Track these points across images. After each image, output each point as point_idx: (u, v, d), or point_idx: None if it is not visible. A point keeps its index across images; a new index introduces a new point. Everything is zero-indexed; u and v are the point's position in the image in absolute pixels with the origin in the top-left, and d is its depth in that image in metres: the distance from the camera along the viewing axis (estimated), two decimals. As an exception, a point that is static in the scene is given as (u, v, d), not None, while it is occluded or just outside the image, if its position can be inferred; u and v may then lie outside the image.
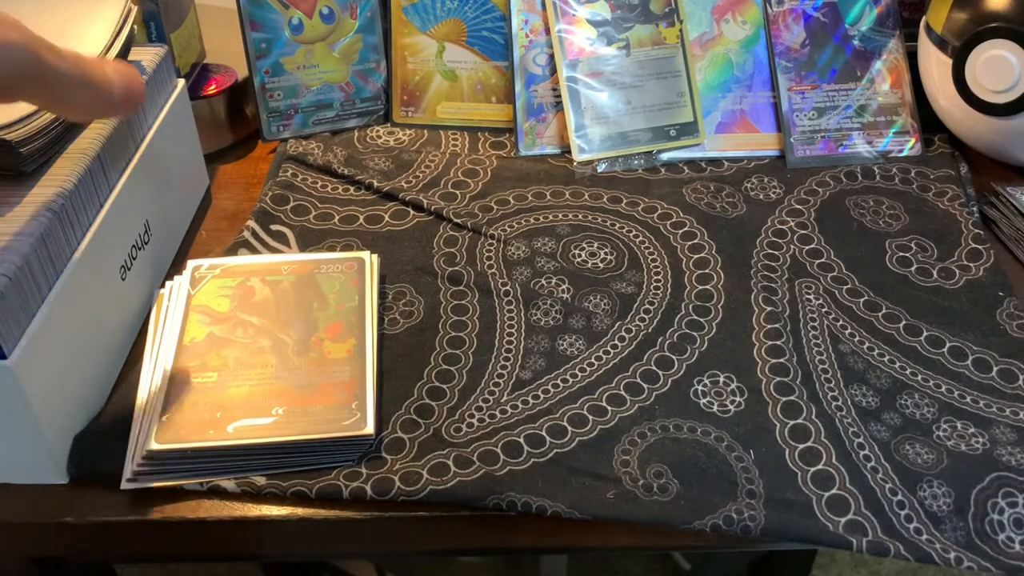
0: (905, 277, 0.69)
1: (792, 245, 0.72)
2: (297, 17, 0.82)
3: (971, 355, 0.62)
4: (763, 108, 0.84)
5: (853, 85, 0.83)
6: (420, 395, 0.58)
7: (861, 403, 0.58)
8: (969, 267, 0.69)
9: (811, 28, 0.84)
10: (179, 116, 0.72)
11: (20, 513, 0.52)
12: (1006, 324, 0.64)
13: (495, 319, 0.64)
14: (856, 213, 0.75)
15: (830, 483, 0.53)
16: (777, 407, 0.58)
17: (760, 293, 0.67)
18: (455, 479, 0.52)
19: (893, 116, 0.83)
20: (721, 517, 0.51)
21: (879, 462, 0.54)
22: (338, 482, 0.52)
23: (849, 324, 0.64)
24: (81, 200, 0.56)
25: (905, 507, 0.52)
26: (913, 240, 0.72)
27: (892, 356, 0.62)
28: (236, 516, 0.52)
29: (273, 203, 0.75)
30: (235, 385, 0.55)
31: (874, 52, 0.84)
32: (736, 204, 0.76)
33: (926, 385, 0.60)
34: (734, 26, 0.84)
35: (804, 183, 0.79)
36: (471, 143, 0.85)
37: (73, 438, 0.54)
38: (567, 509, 0.51)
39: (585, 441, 0.55)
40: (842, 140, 0.82)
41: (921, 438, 0.56)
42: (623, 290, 0.67)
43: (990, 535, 0.51)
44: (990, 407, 0.58)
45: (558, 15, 0.82)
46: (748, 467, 0.54)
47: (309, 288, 0.63)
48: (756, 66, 0.84)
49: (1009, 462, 0.54)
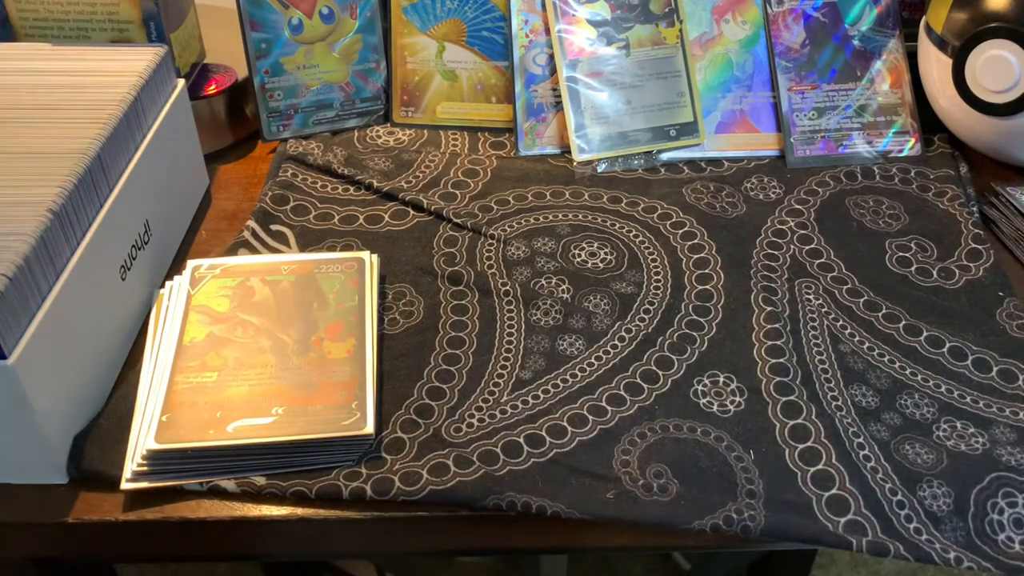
0: (905, 277, 0.69)
1: (792, 245, 0.72)
2: (297, 17, 0.82)
3: (971, 355, 0.62)
4: (763, 108, 0.84)
5: (853, 85, 0.83)
6: (420, 395, 0.58)
7: (861, 403, 0.58)
8: (969, 267, 0.69)
9: (811, 28, 0.84)
10: (179, 116, 0.72)
11: (20, 513, 0.52)
12: (1006, 324, 0.64)
13: (495, 319, 0.64)
14: (856, 213, 0.75)
15: (830, 483, 0.53)
16: (777, 407, 0.58)
17: (760, 293, 0.67)
18: (455, 479, 0.52)
19: (893, 116, 0.83)
20: (721, 517, 0.51)
21: (879, 462, 0.54)
22: (338, 482, 0.52)
23: (849, 324, 0.64)
24: (81, 200, 0.56)
25: (905, 507, 0.52)
26: (913, 240, 0.72)
27: (892, 356, 0.62)
28: (236, 516, 0.52)
29: (273, 203, 0.75)
30: (235, 385, 0.55)
31: (874, 52, 0.84)
32: (736, 204, 0.76)
33: (926, 385, 0.60)
34: (734, 26, 0.84)
35: (804, 183, 0.79)
36: (471, 143, 0.85)
37: (73, 438, 0.54)
38: (567, 509, 0.51)
39: (585, 441, 0.55)
40: (842, 140, 0.82)
41: (921, 438, 0.56)
42: (623, 290, 0.67)
43: (990, 535, 0.51)
44: (990, 407, 0.58)
45: (558, 15, 0.82)
46: (748, 467, 0.54)
47: (309, 288, 0.63)
48: (756, 66, 0.84)
49: (1009, 462, 0.54)
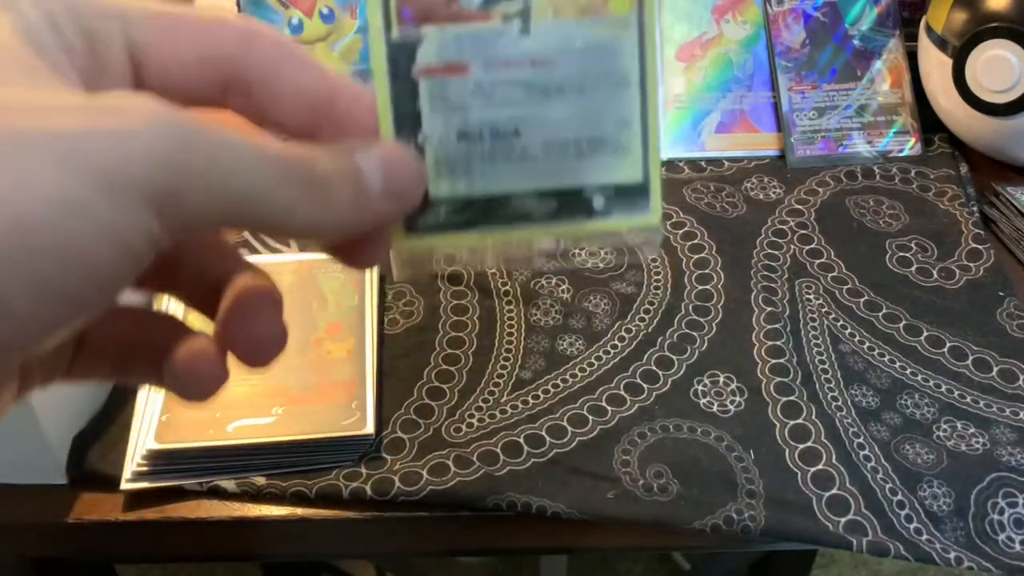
0: (905, 277, 0.69)
1: (792, 245, 0.72)
2: (297, 17, 0.82)
3: (971, 355, 0.62)
4: (763, 108, 0.84)
5: (853, 85, 0.83)
6: (420, 395, 0.58)
7: (861, 403, 0.58)
8: (969, 267, 0.69)
9: (811, 28, 0.84)
10: (179, 116, 0.72)
11: (20, 513, 0.52)
12: (1006, 324, 0.64)
13: (495, 319, 0.64)
14: (856, 213, 0.75)
15: (830, 483, 0.53)
16: (777, 407, 0.58)
17: (760, 293, 0.67)
18: (455, 479, 0.52)
19: (893, 116, 0.83)
20: (721, 517, 0.51)
21: (879, 462, 0.54)
22: (338, 482, 0.52)
23: (849, 324, 0.64)
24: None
25: (905, 507, 0.52)
26: (913, 240, 0.72)
27: (892, 356, 0.62)
28: (236, 516, 0.52)
29: (273, 203, 0.75)
30: (235, 385, 0.55)
31: (874, 52, 0.84)
32: (736, 204, 0.76)
33: (926, 385, 0.60)
34: (734, 26, 0.84)
35: (804, 183, 0.79)
36: (471, 143, 0.84)
37: (73, 438, 0.54)
38: (567, 509, 0.51)
39: (585, 441, 0.55)
40: (842, 140, 0.82)
41: (921, 438, 0.56)
42: (623, 290, 0.67)
43: (990, 535, 0.51)
44: (990, 407, 0.58)
45: None
46: (748, 467, 0.54)
47: (309, 288, 0.63)
48: (756, 66, 0.84)
49: (1009, 462, 0.54)
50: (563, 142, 0.28)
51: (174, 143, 0.19)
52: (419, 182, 0.26)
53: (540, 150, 0.28)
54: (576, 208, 0.29)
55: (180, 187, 0.19)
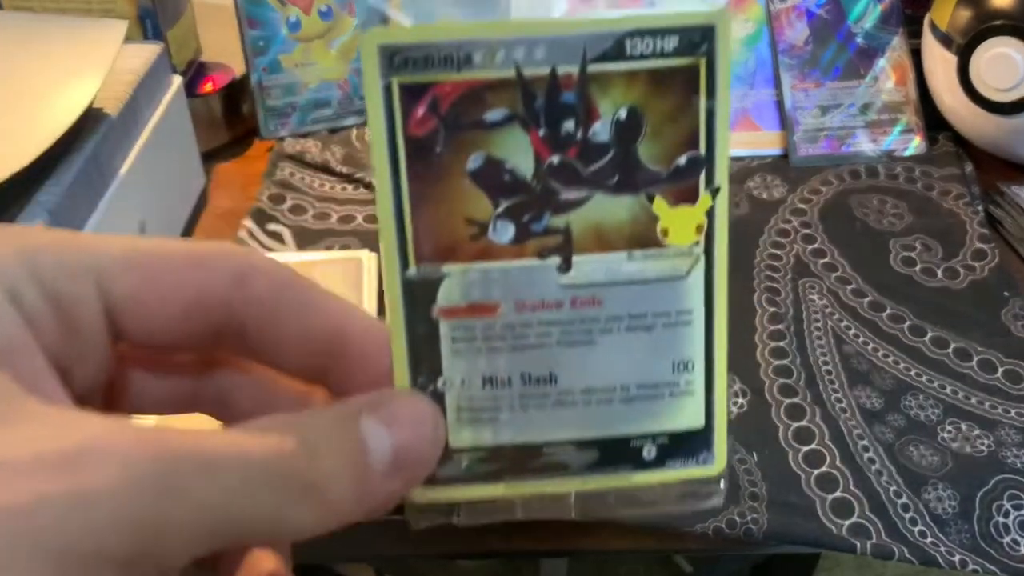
0: (910, 277, 0.68)
1: (795, 245, 0.71)
2: (295, 15, 0.81)
3: (976, 356, 0.61)
4: (766, 106, 0.83)
5: (857, 83, 0.82)
6: (418, 396, 0.58)
7: (865, 405, 0.58)
8: (974, 267, 0.69)
9: (814, 25, 0.83)
10: (175, 114, 0.72)
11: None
12: (1011, 325, 0.64)
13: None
14: (860, 212, 0.75)
15: (834, 485, 0.52)
16: (780, 409, 0.57)
17: (763, 294, 0.66)
18: (453, 481, 0.52)
19: (897, 114, 0.82)
20: (724, 520, 0.50)
21: (883, 464, 0.54)
22: (335, 484, 0.52)
23: (853, 325, 0.64)
24: (76, 200, 0.55)
25: (910, 509, 0.51)
26: (917, 239, 0.72)
27: (896, 357, 0.61)
28: (231, 519, 0.51)
29: (270, 202, 0.74)
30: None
31: (878, 49, 0.83)
32: (739, 203, 0.76)
33: (931, 386, 0.59)
34: (736, 23, 0.84)
35: (807, 182, 0.78)
36: (471, 142, 0.84)
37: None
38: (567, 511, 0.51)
39: (585, 443, 0.55)
40: (846, 138, 0.81)
41: (926, 440, 0.55)
42: (624, 290, 0.66)
43: (995, 538, 0.50)
44: (995, 408, 0.58)
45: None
46: (751, 469, 0.53)
47: (306, 288, 0.62)
48: (759, 63, 0.83)
49: (1015, 464, 0.54)
50: (608, 388, 0.24)
51: (148, 498, 0.16)
52: (435, 448, 0.22)
53: (580, 396, 0.24)
54: (622, 458, 0.25)
55: (154, 548, 0.17)
